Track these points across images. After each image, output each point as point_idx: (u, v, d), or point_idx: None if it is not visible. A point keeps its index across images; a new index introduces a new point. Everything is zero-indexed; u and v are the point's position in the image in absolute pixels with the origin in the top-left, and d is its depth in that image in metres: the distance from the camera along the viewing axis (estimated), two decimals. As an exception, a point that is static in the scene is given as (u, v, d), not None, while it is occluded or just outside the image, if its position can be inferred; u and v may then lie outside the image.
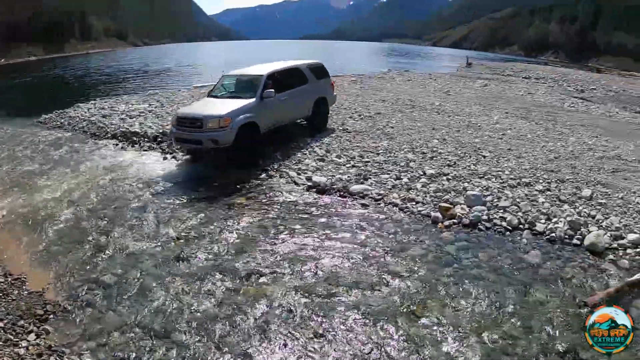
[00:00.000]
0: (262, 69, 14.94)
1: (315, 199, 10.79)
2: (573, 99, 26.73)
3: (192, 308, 6.84)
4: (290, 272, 7.63)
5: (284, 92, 14.40)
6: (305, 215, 9.85)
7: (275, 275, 7.58)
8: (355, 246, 8.41)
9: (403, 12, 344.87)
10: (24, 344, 6.11)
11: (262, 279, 7.49)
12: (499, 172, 11.44)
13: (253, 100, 13.48)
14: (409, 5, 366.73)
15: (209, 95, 15.42)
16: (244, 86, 14.59)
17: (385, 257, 8.00)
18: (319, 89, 16.45)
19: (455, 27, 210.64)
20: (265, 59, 20.61)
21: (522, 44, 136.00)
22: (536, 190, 10.35)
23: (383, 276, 7.39)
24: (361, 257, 8.00)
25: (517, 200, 9.76)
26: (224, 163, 13.36)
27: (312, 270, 7.67)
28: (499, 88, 30.07)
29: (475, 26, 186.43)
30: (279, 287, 7.21)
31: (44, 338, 6.33)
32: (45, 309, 7.00)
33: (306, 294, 6.99)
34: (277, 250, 8.38)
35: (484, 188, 10.42)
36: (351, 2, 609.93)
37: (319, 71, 16.91)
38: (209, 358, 5.83)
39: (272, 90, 13.66)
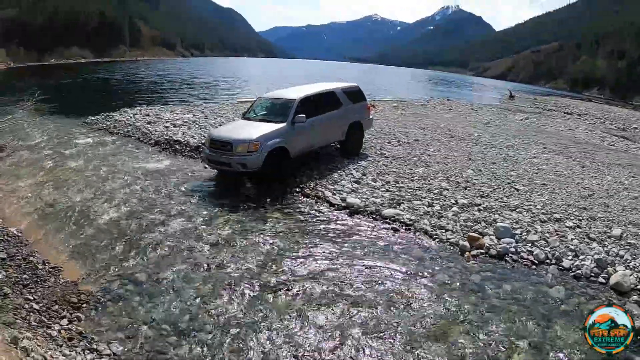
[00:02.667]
0: (296, 93, 14.90)
1: (347, 219, 11.02)
2: (614, 137, 26.60)
3: (219, 311, 7.18)
4: (317, 288, 7.89)
5: (316, 117, 14.35)
6: (337, 235, 10.10)
7: (301, 289, 7.86)
8: (383, 268, 8.63)
9: (449, 40, 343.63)
10: (56, 327, 6.56)
11: (288, 291, 7.77)
12: (531, 206, 11.55)
13: (284, 125, 13.51)
14: (455, 33, 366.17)
15: (243, 116, 15.48)
16: (276, 110, 14.56)
17: (411, 281, 8.21)
18: (353, 113, 16.27)
19: (500, 58, 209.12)
20: (308, 77, 20.89)
21: (567, 78, 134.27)
22: (566, 226, 10.43)
23: (407, 300, 7.60)
24: (387, 280, 8.24)
25: (546, 235, 9.86)
26: (261, 178, 13.50)
27: (338, 287, 7.92)
28: (540, 122, 30.02)
29: (520, 58, 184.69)
30: (304, 301, 7.50)
31: (75, 324, 6.78)
32: (79, 297, 7.48)
33: (330, 310, 7.26)
34: (306, 265, 8.67)
35: (514, 221, 10.53)
36: (398, 28, 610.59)
37: (355, 95, 16.76)
38: (230, 359, 6.16)
39: (303, 115, 13.63)
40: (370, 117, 17.92)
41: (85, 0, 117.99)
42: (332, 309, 7.27)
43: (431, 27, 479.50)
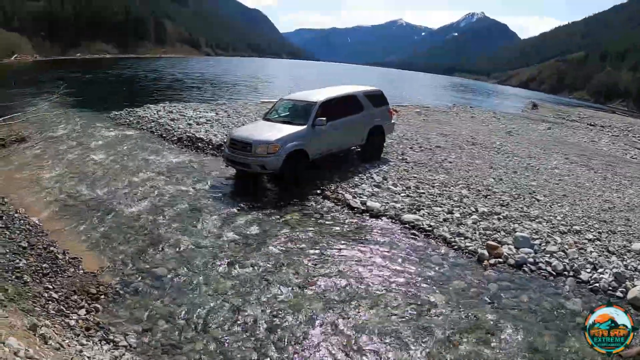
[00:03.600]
0: (317, 96, 14.78)
1: (367, 223, 11.03)
2: (637, 149, 26.35)
3: (236, 309, 7.25)
4: (333, 290, 7.93)
5: (337, 120, 14.25)
6: (355, 238, 10.12)
7: (318, 290, 7.91)
8: (401, 273, 8.63)
9: (473, 47, 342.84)
10: (74, 317, 6.68)
11: (305, 292, 7.83)
12: (551, 217, 11.47)
13: (304, 127, 13.49)
14: (479, 41, 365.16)
15: (265, 117, 15.37)
16: (297, 112, 14.49)
17: (428, 287, 8.21)
18: (375, 117, 16.10)
19: (524, 67, 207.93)
20: (330, 80, 20.81)
21: (591, 89, 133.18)
22: (586, 238, 10.34)
23: (423, 306, 7.60)
24: (404, 285, 8.23)
25: (565, 246, 9.78)
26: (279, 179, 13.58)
27: (355, 290, 7.94)
28: (562, 133, 29.80)
29: (544, 67, 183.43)
30: (320, 302, 7.54)
31: (93, 315, 6.90)
32: (98, 289, 7.61)
33: (346, 312, 7.28)
34: (323, 267, 8.70)
35: (534, 231, 10.47)
36: (423, 34, 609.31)
37: (377, 99, 16.59)
38: (245, 357, 6.21)
39: (324, 118, 13.60)
40: (393, 121, 17.82)
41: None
42: (348, 311, 7.30)
43: (455, 34, 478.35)
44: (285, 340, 6.54)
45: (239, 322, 6.91)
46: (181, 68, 74.54)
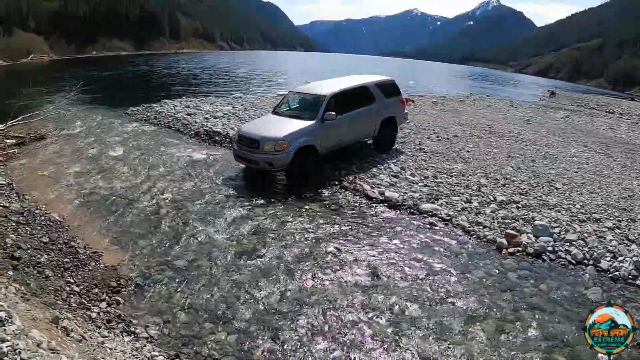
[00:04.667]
0: (327, 88, 14.43)
1: (385, 213, 11.05)
2: (656, 137, 26.07)
3: (255, 299, 7.31)
4: (352, 279, 7.97)
5: (347, 113, 13.95)
6: (374, 228, 10.14)
7: (337, 280, 7.95)
8: (419, 262, 8.65)
9: (489, 36, 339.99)
10: (95, 309, 6.81)
11: (324, 282, 7.87)
12: (570, 205, 11.41)
13: (313, 122, 13.19)
14: (495, 30, 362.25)
15: (274, 111, 15.10)
16: (307, 106, 14.26)
17: (446, 276, 8.21)
18: (387, 108, 15.70)
19: (541, 55, 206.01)
20: (345, 71, 20.68)
21: (609, 76, 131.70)
22: (605, 227, 10.28)
23: (442, 294, 7.62)
24: (423, 273, 8.25)
25: (585, 235, 9.72)
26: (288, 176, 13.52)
27: (374, 279, 8.00)
28: (581, 121, 29.54)
29: (561, 55, 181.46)
30: (339, 292, 7.58)
31: (114, 307, 7.02)
32: (118, 282, 7.75)
33: (365, 301, 7.32)
34: (343, 257, 8.72)
35: (553, 220, 10.41)
36: (438, 23, 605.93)
37: (389, 89, 16.18)
38: (265, 347, 6.27)
39: (334, 113, 13.22)
40: (405, 111, 17.43)
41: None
42: (368, 301, 7.33)
43: (471, 23, 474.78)
44: (305, 330, 6.59)
45: (258, 313, 6.96)
46: (197, 63, 74.75)
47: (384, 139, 15.92)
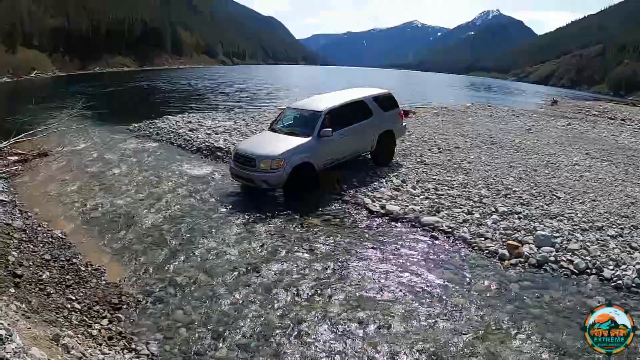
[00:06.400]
0: (323, 104, 14.36)
1: (387, 226, 11.04)
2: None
3: (256, 316, 7.28)
4: (354, 294, 7.95)
5: (344, 129, 13.84)
6: (376, 242, 10.11)
7: (339, 294, 7.91)
8: (421, 275, 8.62)
9: (490, 45, 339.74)
10: (96, 326, 6.78)
11: (325, 297, 7.84)
12: (572, 214, 11.38)
13: (309, 139, 13.13)
14: (496, 39, 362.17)
15: (270, 127, 15.09)
16: (303, 122, 14.17)
17: (448, 288, 8.19)
18: (384, 122, 15.53)
19: (542, 62, 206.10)
20: (346, 84, 20.60)
21: (610, 82, 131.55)
22: (608, 235, 10.25)
23: (444, 307, 7.59)
24: (425, 286, 8.23)
25: (587, 244, 9.70)
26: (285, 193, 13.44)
27: (376, 294, 7.97)
28: (582, 128, 29.50)
29: (561, 62, 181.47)
30: (341, 307, 7.54)
31: (115, 324, 7.00)
32: (120, 299, 7.72)
33: (367, 316, 7.28)
34: (344, 272, 8.71)
35: (555, 229, 10.39)
36: (439, 34, 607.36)
37: (387, 102, 16.03)
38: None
39: (330, 129, 13.15)
40: (404, 124, 17.31)
41: (129, 9, 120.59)
42: (369, 315, 7.29)
43: (472, 32, 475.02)
44: (307, 346, 6.56)
45: (259, 329, 6.94)
46: (198, 78, 74.96)
47: (382, 153, 15.81)
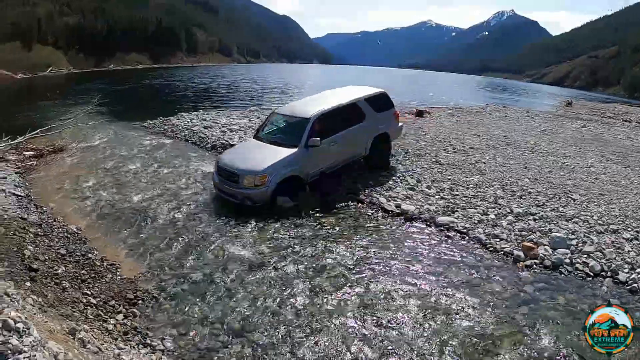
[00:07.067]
0: (312, 108, 13.34)
1: (401, 226, 11.00)
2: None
3: (271, 312, 7.31)
4: (369, 293, 7.94)
5: (334, 135, 13.10)
6: (390, 241, 10.09)
7: (353, 293, 7.91)
8: (436, 275, 8.60)
9: (504, 46, 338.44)
10: (112, 321, 6.86)
11: (341, 296, 7.83)
12: (587, 217, 11.31)
13: (296, 150, 12.33)
14: (510, 39, 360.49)
15: (256, 135, 14.19)
16: (289, 130, 13.34)
17: (463, 289, 8.15)
18: (378, 125, 14.60)
19: (556, 64, 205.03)
20: (358, 83, 20.40)
21: (626, 84, 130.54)
22: (623, 238, 10.18)
23: (458, 308, 7.56)
24: (439, 286, 8.20)
25: (603, 246, 9.64)
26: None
27: (390, 293, 7.93)
28: (598, 130, 29.27)
29: (576, 64, 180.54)
30: (356, 306, 7.55)
31: (130, 319, 7.07)
32: (135, 294, 7.81)
33: (381, 315, 7.28)
34: (359, 270, 8.69)
35: (570, 231, 10.33)
36: (453, 34, 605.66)
37: (381, 102, 14.97)
38: (280, 360, 6.21)
39: (318, 138, 12.36)
40: (400, 124, 16.30)
41: (143, 8, 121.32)
42: (383, 314, 7.29)
43: (486, 33, 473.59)
44: (321, 344, 6.57)
45: (274, 326, 6.96)
46: (213, 76, 75.01)
47: (376, 158, 14.94)
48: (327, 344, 6.57)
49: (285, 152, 12.32)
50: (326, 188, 12.97)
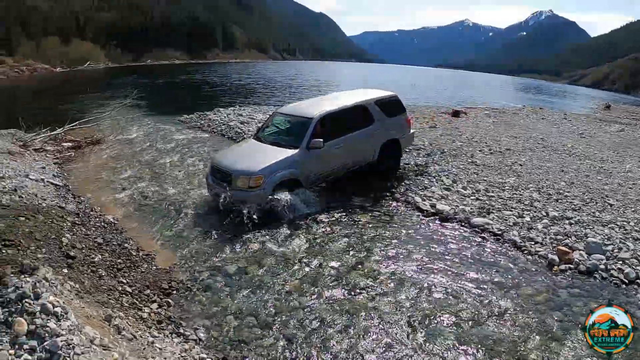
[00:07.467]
0: (315, 108, 12.56)
1: (436, 226, 10.96)
2: None
3: (304, 308, 7.35)
4: (401, 291, 7.91)
5: (339, 138, 12.34)
6: (424, 241, 10.05)
7: (386, 291, 7.91)
8: (469, 277, 8.54)
9: (542, 46, 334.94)
10: (146, 310, 6.97)
11: (372, 294, 7.82)
12: (624, 223, 11.07)
13: (297, 151, 11.46)
14: (548, 40, 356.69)
15: (256, 135, 13.29)
16: (291, 130, 12.56)
17: (496, 292, 8.08)
18: (388, 130, 13.83)
19: (594, 65, 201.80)
20: (392, 82, 20.32)
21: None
22: (661, 245, 9.98)
23: (490, 310, 7.50)
24: (472, 288, 8.14)
25: (639, 253, 9.44)
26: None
27: (422, 293, 7.90)
28: (637, 134, 28.72)
29: (616, 66, 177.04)
30: (388, 304, 7.53)
31: (164, 309, 7.19)
32: (169, 284, 7.94)
33: (413, 315, 7.25)
34: (392, 270, 8.67)
35: (606, 237, 10.15)
36: (490, 34, 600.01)
37: (392, 107, 14.22)
38: (312, 355, 6.29)
39: (321, 140, 11.53)
40: (412, 131, 15.48)
41: (181, 5, 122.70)
42: (416, 314, 7.27)
43: (524, 33, 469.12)
44: (353, 341, 6.57)
45: (307, 321, 7.00)
46: (249, 73, 75.56)
47: (384, 165, 14.21)
48: (359, 340, 6.58)
49: (284, 153, 11.45)
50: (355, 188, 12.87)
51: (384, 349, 6.43)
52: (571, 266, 9.06)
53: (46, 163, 14.24)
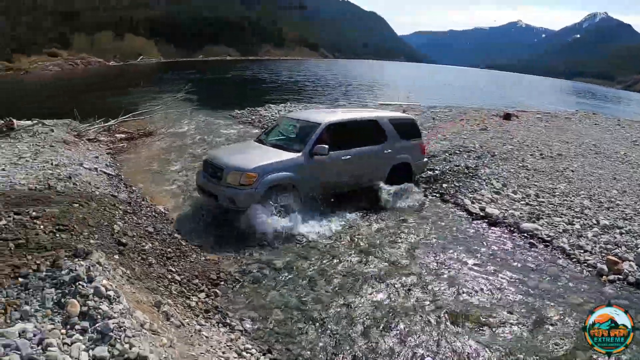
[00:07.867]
0: (326, 116, 11.92)
1: (484, 229, 10.92)
2: None
3: (350, 305, 7.37)
4: (447, 294, 7.88)
5: (347, 150, 11.46)
6: (472, 243, 10.04)
7: (433, 293, 7.86)
8: (516, 283, 8.45)
9: (595, 49, 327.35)
10: (194, 299, 7.09)
11: (419, 294, 7.80)
12: (678, 235, 10.84)
13: (298, 155, 10.62)
14: (602, 42, 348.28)
15: (258, 138, 12.55)
16: (295, 135, 11.77)
17: (543, 299, 7.97)
18: (400, 152, 12.82)
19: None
20: (444, 85, 20.13)
21: None
22: None
23: (537, 318, 7.39)
24: (519, 295, 8.05)
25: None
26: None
27: (468, 297, 7.86)
28: (694, 145, 27.99)
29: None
30: (433, 307, 7.47)
31: (212, 298, 7.29)
32: (218, 275, 8.06)
33: (459, 319, 7.21)
34: (438, 271, 8.67)
35: (658, 248, 9.92)
36: (543, 35, 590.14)
37: (407, 128, 13.30)
38: (355, 352, 6.29)
39: (326, 146, 10.63)
40: (425, 159, 14.34)
41: (232, 1, 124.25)
42: (462, 318, 7.23)
43: (577, 36, 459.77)
44: (397, 340, 6.57)
45: (352, 318, 7.01)
46: (300, 70, 75.94)
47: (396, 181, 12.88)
48: (403, 341, 6.57)
49: (285, 155, 10.69)
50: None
51: (427, 353, 6.39)
52: (620, 277, 8.84)
53: (99, 153, 14.62)
